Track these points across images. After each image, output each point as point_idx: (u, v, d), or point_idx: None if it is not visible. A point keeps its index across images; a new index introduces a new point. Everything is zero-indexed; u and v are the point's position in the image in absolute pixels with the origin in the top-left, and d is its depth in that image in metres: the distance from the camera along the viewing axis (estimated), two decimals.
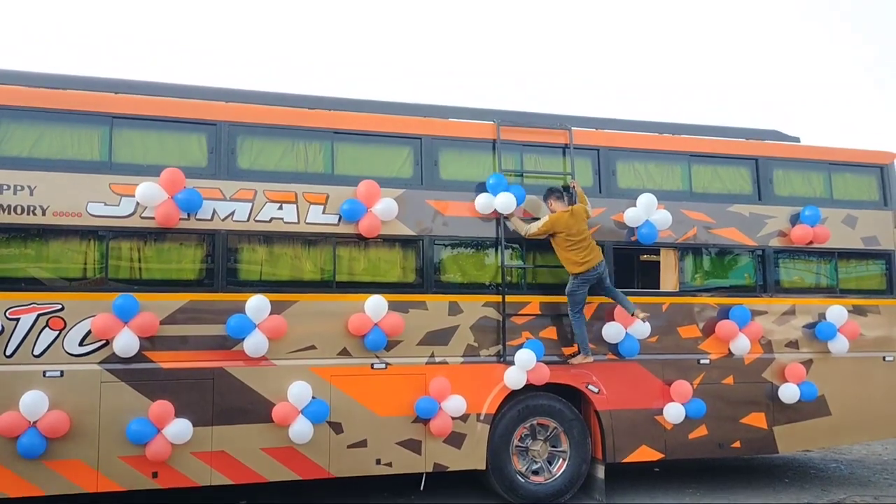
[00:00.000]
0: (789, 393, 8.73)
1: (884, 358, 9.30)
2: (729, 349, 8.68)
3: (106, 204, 6.99)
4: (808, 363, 8.94)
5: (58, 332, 6.78)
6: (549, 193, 8.16)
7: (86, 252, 7.01)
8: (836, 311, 9.00)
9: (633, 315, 8.04)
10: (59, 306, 6.80)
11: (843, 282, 9.36)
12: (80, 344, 6.83)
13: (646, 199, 8.40)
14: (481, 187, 8.13)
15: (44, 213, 6.82)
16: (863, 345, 9.17)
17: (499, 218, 8.11)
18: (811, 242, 9.05)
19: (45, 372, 6.71)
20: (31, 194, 6.81)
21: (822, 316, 9.05)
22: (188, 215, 7.16)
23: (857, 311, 9.20)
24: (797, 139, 9.85)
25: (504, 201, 7.94)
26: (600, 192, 8.51)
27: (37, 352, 6.72)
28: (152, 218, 7.02)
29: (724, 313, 8.71)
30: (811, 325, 9.04)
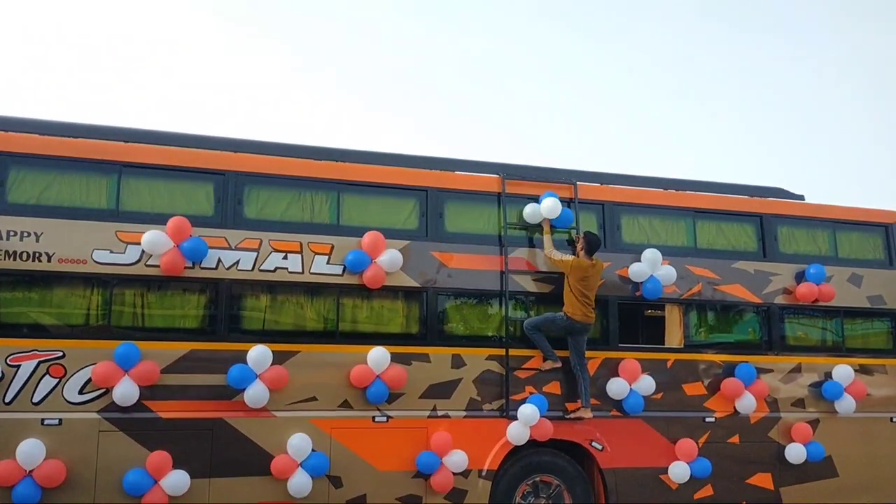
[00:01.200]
0: (796, 453, 8.60)
1: (891, 419, 9.20)
2: (734, 407, 8.58)
3: (112, 251, 7.01)
4: (814, 423, 8.83)
5: (58, 380, 6.73)
6: (587, 242, 8.07)
7: (89, 299, 7.00)
8: (843, 371, 8.92)
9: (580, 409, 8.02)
10: (61, 353, 6.77)
11: (850, 340, 9.30)
12: (80, 392, 6.78)
13: (651, 255, 8.41)
14: (485, 240, 8.18)
15: (49, 260, 6.83)
16: (870, 405, 9.07)
17: (503, 271, 8.11)
18: (816, 300, 9.01)
19: (43, 420, 6.64)
20: (38, 241, 6.83)
21: (829, 375, 8.97)
22: (193, 264, 7.16)
23: (863, 370, 9.12)
24: (801, 197, 9.89)
25: (549, 205, 8.10)
26: (605, 246, 8.50)
27: (36, 399, 6.67)
28: (157, 266, 7.03)
29: (730, 371, 8.64)
30: (817, 384, 8.96)
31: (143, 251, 7.03)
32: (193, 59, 25.95)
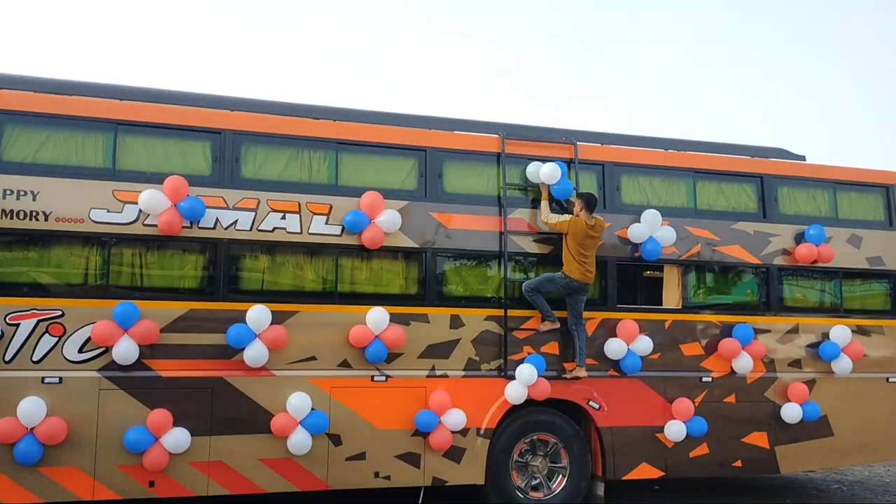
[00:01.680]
0: (792, 413, 8.67)
1: (887, 379, 9.25)
2: (731, 367, 8.63)
3: (109, 211, 6.98)
4: (811, 383, 8.88)
5: (57, 339, 6.75)
6: (585, 201, 8.03)
7: (87, 258, 6.99)
8: (840, 331, 8.95)
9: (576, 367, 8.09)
10: (60, 312, 6.78)
11: (848, 301, 9.32)
12: (80, 351, 6.80)
13: (650, 216, 8.38)
14: (485, 200, 8.16)
15: (46, 219, 6.81)
16: (866, 365, 9.12)
17: (502, 232, 8.09)
18: (815, 261, 9.01)
19: (43, 378, 6.68)
20: (34, 199, 6.80)
21: (826, 335, 9.00)
22: (191, 223, 7.14)
23: (860, 331, 9.15)
24: (802, 157, 9.83)
25: (549, 171, 8.06)
26: (604, 207, 8.48)
27: (36, 358, 6.69)
28: (155, 226, 7.01)
29: (727, 331, 8.67)
30: (814, 345, 9.00)
31: (140, 210, 7.00)
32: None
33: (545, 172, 8.09)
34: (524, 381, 7.80)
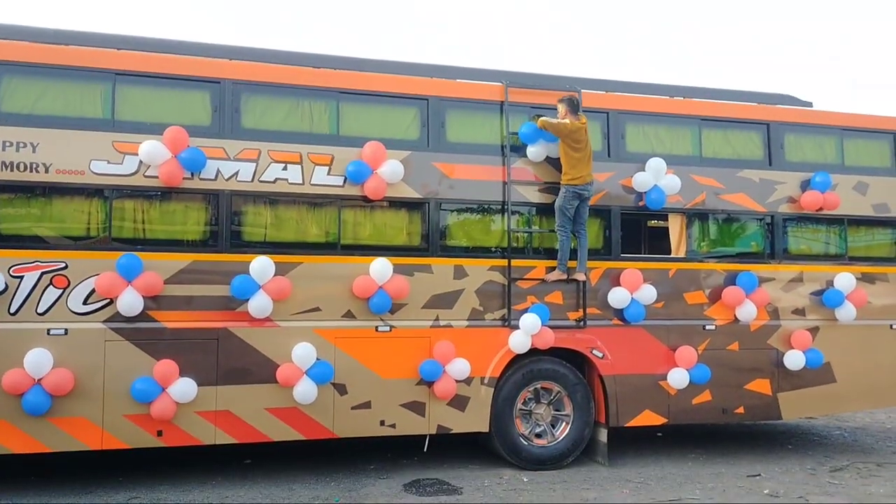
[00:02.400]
0: (795, 360, 8.70)
1: (891, 326, 9.26)
2: (735, 315, 8.64)
3: (109, 162, 6.93)
4: (814, 330, 8.90)
5: (62, 291, 6.77)
6: (568, 103, 8.04)
7: (89, 210, 6.97)
8: (844, 279, 8.93)
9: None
10: (63, 264, 6.78)
11: (852, 249, 9.28)
12: (84, 302, 6.82)
13: (655, 164, 8.31)
14: (488, 150, 8.10)
15: (47, 171, 6.76)
16: (870, 312, 9.12)
17: (505, 182, 8.03)
18: (821, 209, 8.96)
19: (49, 330, 6.71)
20: (34, 151, 6.75)
21: (830, 283, 8.98)
22: (192, 175, 7.10)
23: (865, 278, 9.13)
24: (809, 104, 9.70)
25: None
26: (609, 155, 8.41)
27: (41, 310, 6.71)
28: (156, 177, 6.97)
29: (731, 279, 8.66)
30: (818, 293, 8.99)
31: (140, 162, 6.95)
32: None
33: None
34: (528, 331, 7.82)
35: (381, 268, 7.41)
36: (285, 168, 7.40)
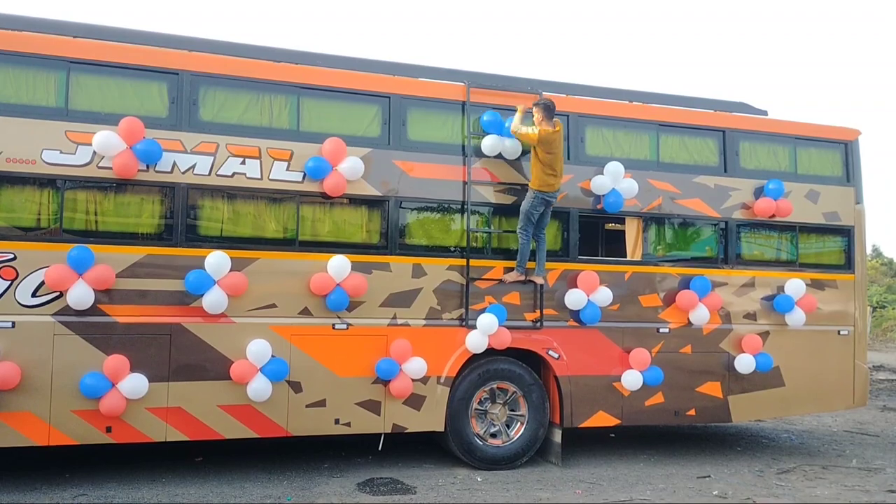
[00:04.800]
0: (745, 363, 8.87)
1: (838, 332, 9.49)
2: (688, 319, 8.77)
3: (62, 152, 6.78)
4: (764, 335, 9.08)
5: (9, 283, 6.60)
6: (544, 109, 7.99)
7: (40, 201, 6.80)
8: (795, 285, 9.13)
9: (523, 276, 8.14)
10: (11, 256, 6.61)
11: (803, 256, 9.49)
12: (33, 295, 6.66)
13: (613, 168, 8.40)
14: (449, 149, 8.10)
15: None
16: (819, 318, 9.33)
17: (465, 182, 8.05)
18: (773, 216, 9.15)
19: None
20: None
21: (781, 289, 9.18)
22: (147, 167, 6.98)
23: (815, 284, 9.34)
24: (765, 112, 9.89)
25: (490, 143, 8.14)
26: (568, 158, 8.46)
27: None
28: (110, 168, 6.83)
29: (685, 283, 8.80)
30: (769, 298, 9.17)
31: (94, 152, 6.81)
32: None
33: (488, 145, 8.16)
34: (485, 331, 7.85)
35: (339, 265, 7.37)
36: (243, 162, 7.32)
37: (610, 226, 10.07)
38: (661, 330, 8.74)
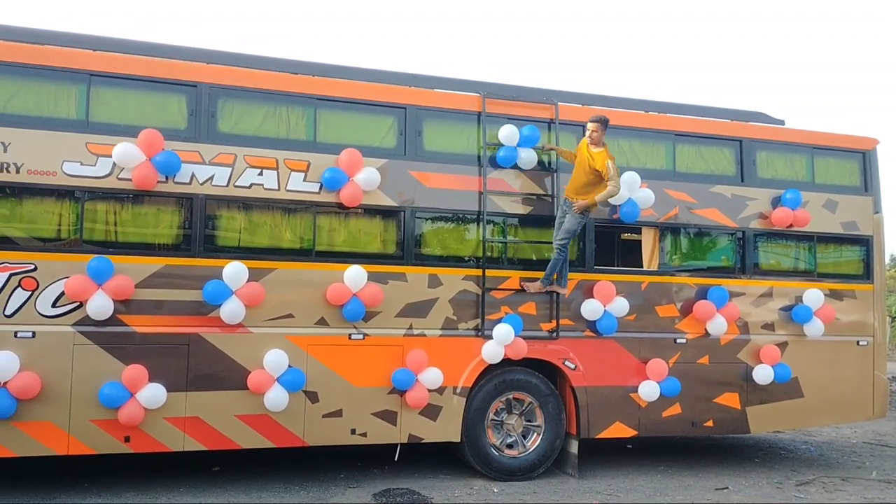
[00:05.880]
0: (763, 374, 8.81)
1: (857, 342, 9.40)
2: (706, 329, 8.73)
3: (82, 164, 6.86)
4: (783, 345, 9.01)
5: (30, 293, 6.67)
6: (604, 125, 7.90)
7: (60, 212, 6.89)
8: (813, 295, 9.06)
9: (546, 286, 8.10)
10: (32, 266, 6.68)
11: (821, 266, 9.42)
12: (53, 305, 6.73)
13: (629, 178, 8.37)
14: (464, 159, 8.13)
15: (18, 171, 6.68)
16: (838, 329, 9.25)
17: (481, 192, 8.06)
18: (791, 225, 9.09)
19: (16, 332, 6.60)
20: (5, 151, 6.66)
21: (799, 299, 9.11)
22: (166, 178, 7.05)
23: (833, 295, 9.27)
24: (782, 122, 9.85)
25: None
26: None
27: (8, 312, 6.61)
28: (129, 179, 6.90)
29: (702, 293, 8.76)
30: (788, 308, 9.11)
31: (114, 164, 6.88)
32: None
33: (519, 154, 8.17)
34: (501, 341, 7.84)
35: (355, 275, 7.39)
36: (261, 173, 7.37)
37: (626, 236, 10.04)
38: (679, 340, 8.70)
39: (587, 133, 7.91)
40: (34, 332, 6.66)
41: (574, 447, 8.39)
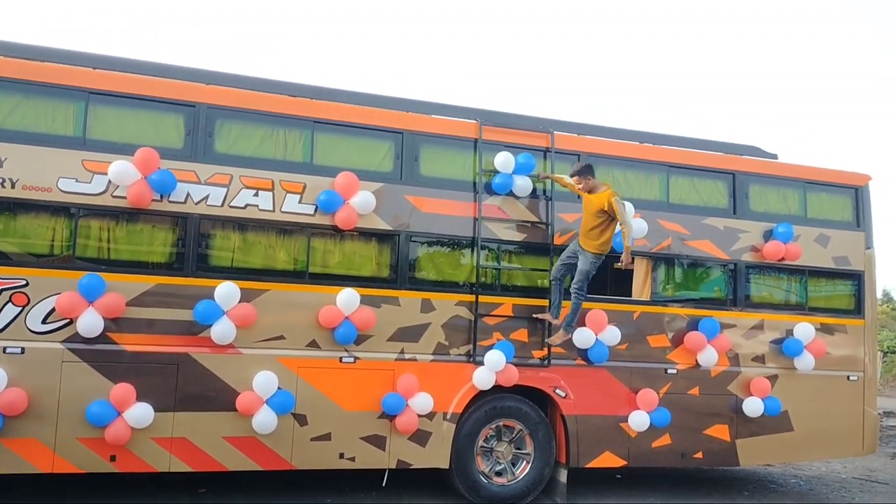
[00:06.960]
0: (753, 407, 8.80)
1: (847, 377, 9.42)
2: (696, 360, 8.73)
3: (77, 180, 6.86)
4: (773, 378, 9.02)
5: (20, 308, 6.64)
6: (591, 171, 8.02)
7: (54, 228, 6.87)
8: (804, 329, 9.09)
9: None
10: (24, 282, 6.66)
11: (813, 300, 9.46)
12: (43, 321, 6.69)
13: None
14: (460, 185, 8.17)
15: (13, 186, 6.67)
16: (828, 363, 9.28)
17: (476, 217, 8.08)
18: (783, 259, 9.14)
19: (5, 348, 6.56)
20: (2, 166, 6.66)
21: (790, 332, 9.14)
22: (161, 197, 7.05)
23: (824, 329, 9.30)
24: (775, 156, 9.94)
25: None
26: (578, 198, 8.50)
27: None
28: (124, 197, 6.91)
29: (694, 325, 8.77)
30: (778, 341, 9.13)
31: (109, 181, 6.88)
32: None
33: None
34: (492, 367, 7.83)
35: (348, 298, 7.38)
36: (256, 194, 7.38)
37: (618, 265, 10.05)
38: (669, 371, 8.70)
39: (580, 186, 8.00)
40: (23, 349, 6.62)
41: (563, 476, 8.34)
